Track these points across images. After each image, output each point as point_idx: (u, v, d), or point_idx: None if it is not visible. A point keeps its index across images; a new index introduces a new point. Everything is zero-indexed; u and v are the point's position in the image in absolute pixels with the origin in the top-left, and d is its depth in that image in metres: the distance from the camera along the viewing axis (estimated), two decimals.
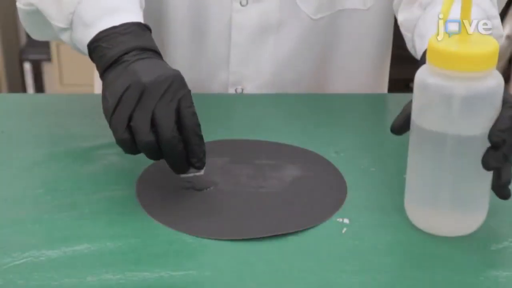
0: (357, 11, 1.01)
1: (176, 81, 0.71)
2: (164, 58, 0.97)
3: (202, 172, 0.74)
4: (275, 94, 1.02)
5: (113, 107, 0.71)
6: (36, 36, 0.89)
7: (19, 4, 0.84)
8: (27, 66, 2.60)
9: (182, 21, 0.98)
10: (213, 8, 0.97)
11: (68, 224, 0.70)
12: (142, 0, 0.82)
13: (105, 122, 0.91)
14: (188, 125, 0.70)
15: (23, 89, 2.62)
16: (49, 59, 2.54)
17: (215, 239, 0.68)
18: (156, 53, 0.76)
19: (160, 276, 0.63)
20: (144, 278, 0.63)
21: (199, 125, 0.71)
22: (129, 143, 0.71)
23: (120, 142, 0.71)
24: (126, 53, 0.74)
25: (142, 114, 0.70)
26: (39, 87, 2.62)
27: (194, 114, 0.71)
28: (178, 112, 0.70)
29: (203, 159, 0.72)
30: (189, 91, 0.72)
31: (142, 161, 0.77)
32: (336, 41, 1.03)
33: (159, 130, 0.69)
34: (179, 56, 1.00)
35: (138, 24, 0.77)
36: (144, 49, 0.75)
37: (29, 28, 0.88)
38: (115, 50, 0.74)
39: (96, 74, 1.05)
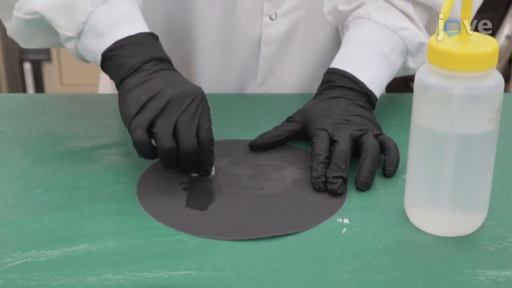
0: None
1: (199, 96, 0.74)
2: (192, 71, 1.00)
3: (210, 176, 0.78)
4: (274, 94, 1.02)
5: (135, 112, 0.73)
6: (28, 45, 0.88)
7: (19, 14, 0.82)
8: (27, 66, 2.59)
9: (211, 41, 0.98)
10: (243, 25, 0.97)
11: (68, 224, 0.70)
12: (141, 6, 0.83)
13: (105, 122, 0.92)
14: (203, 139, 0.74)
15: (23, 89, 2.61)
16: (49, 59, 2.54)
17: (215, 239, 0.68)
18: (170, 63, 0.79)
19: (160, 276, 0.63)
20: (144, 278, 0.63)
21: (212, 140, 0.75)
22: (146, 146, 0.73)
23: (138, 143, 0.73)
24: (145, 63, 0.76)
25: (166, 122, 0.72)
26: (39, 87, 2.62)
27: (210, 129, 0.74)
28: (197, 125, 0.73)
29: (210, 171, 0.77)
30: (209, 107, 0.75)
31: (143, 161, 0.77)
32: None
33: (180, 141, 0.72)
34: (207, 70, 1.00)
35: (151, 34, 0.79)
36: (161, 59, 0.78)
37: (22, 37, 0.86)
38: (136, 59, 0.76)
39: (102, 74, 1.05)
